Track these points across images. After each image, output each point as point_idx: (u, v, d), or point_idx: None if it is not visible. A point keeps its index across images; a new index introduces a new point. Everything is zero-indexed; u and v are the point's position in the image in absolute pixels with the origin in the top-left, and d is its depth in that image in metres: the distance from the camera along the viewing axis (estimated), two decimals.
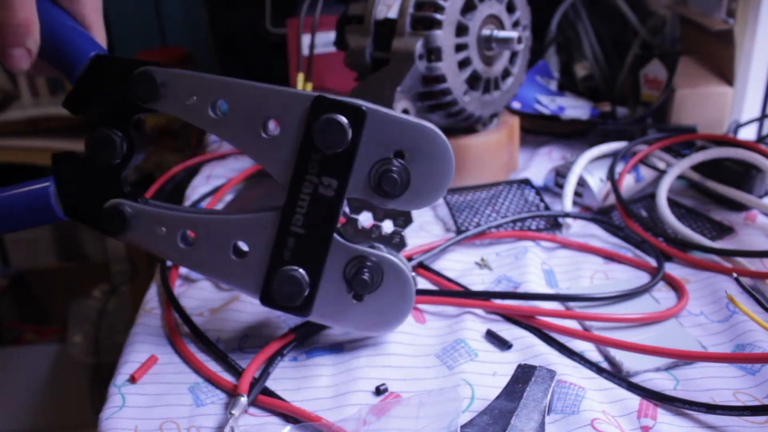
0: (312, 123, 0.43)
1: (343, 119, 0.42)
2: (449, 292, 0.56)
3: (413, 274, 0.47)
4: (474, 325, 0.52)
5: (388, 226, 0.47)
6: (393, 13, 0.69)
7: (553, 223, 0.67)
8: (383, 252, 0.46)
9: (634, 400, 0.44)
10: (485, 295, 0.54)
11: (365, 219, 0.47)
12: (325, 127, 0.42)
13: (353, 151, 0.43)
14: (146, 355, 0.49)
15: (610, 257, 0.62)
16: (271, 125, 0.44)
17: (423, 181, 0.44)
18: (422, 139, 0.43)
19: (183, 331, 0.52)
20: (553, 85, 0.96)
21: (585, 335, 0.50)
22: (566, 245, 0.64)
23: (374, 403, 0.45)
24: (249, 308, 0.55)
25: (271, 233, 0.45)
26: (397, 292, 0.46)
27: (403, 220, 0.47)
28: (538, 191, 0.71)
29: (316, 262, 0.45)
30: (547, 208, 0.69)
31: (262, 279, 0.46)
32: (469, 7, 0.68)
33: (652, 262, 0.60)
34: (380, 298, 0.46)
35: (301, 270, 0.45)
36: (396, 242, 0.47)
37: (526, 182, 0.73)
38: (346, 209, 0.47)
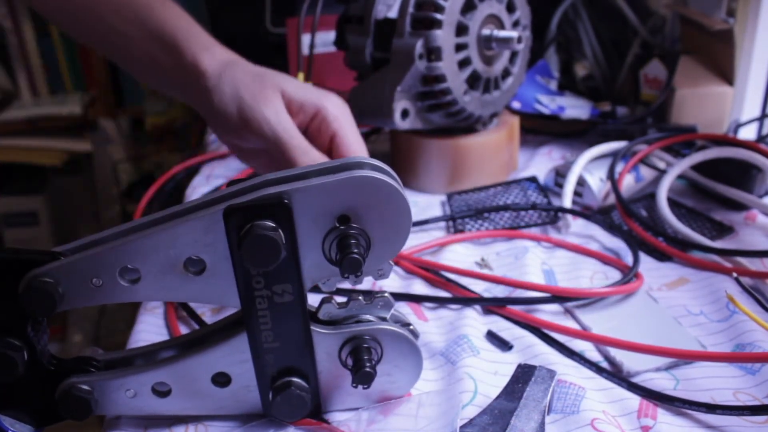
0: (234, 237, 0.37)
1: (268, 226, 0.36)
2: (448, 299, 0.56)
3: (411, 326, 0.44)
4: (475, 322, 0.52)
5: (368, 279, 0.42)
6: (393, 13, 0.69)
7: (552, 219, 0.67)
8: (373, 323, 0.42)
9: (634, 400, 0.44)
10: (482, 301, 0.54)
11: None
12: (252, 247, 0.36)
13: (294, 250, 0.38)
14: None
15: (602, 259, 0.62)
16: (195, 258, 0.38)
17: (383, 233, 0.39)
18: (358, 193, 0.37)
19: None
20: (553, 85, 0.96)
21: (585, 335, 0.50)
22: (561, 246, 0.64)
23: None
24: None
25: (248, 354, 0.41)
26: (401, 357, 0.43)
27: (383, 269, 0.41)
28: (543, 189, 0.71)
29: (305, 365, 0.42)
30: (549, 204, 0.69)
31: (257, 397, 0.42)
32: (469, 7, 0.68)
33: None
34: (387, 367, 0.43)
35: (295, 380, 0.41)
36: (381, 305, 0.43)
37: (533, 180, 0.73)
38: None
